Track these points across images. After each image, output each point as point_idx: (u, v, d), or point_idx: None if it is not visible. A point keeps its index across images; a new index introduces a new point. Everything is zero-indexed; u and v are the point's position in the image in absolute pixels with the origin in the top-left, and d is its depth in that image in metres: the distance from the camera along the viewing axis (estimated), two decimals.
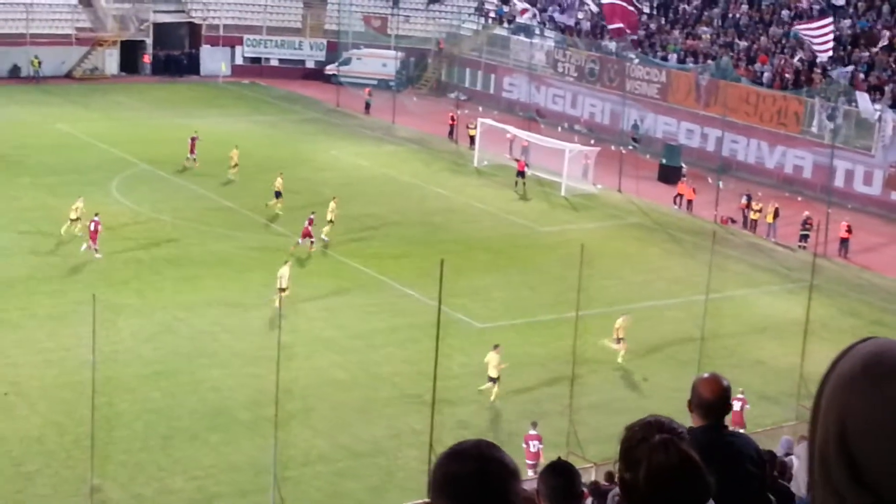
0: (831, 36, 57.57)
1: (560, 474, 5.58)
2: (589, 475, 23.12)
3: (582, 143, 58.54)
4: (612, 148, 59.70)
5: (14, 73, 75.35)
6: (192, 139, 53.92)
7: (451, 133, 66.03)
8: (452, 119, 66.36)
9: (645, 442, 3.60)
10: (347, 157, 58.64)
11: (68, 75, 76.92)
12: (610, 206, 53.69)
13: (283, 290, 35.21)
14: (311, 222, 42.45)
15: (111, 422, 28.22)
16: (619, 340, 34.53)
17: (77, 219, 41.95)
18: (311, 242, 42.52)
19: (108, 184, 50.64)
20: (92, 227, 40.55)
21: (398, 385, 31.77)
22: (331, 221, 44.19)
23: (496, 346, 32.14)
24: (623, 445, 3.70)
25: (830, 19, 58.80)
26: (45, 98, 69.59)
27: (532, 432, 27.52)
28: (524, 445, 27.34)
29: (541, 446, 27.23)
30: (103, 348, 28.06)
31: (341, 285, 40.00)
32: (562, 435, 28.58)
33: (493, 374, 31.67)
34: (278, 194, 47.95)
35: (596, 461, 25.36)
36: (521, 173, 54.89)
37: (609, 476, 23.00)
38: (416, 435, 28.60)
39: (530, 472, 26.63)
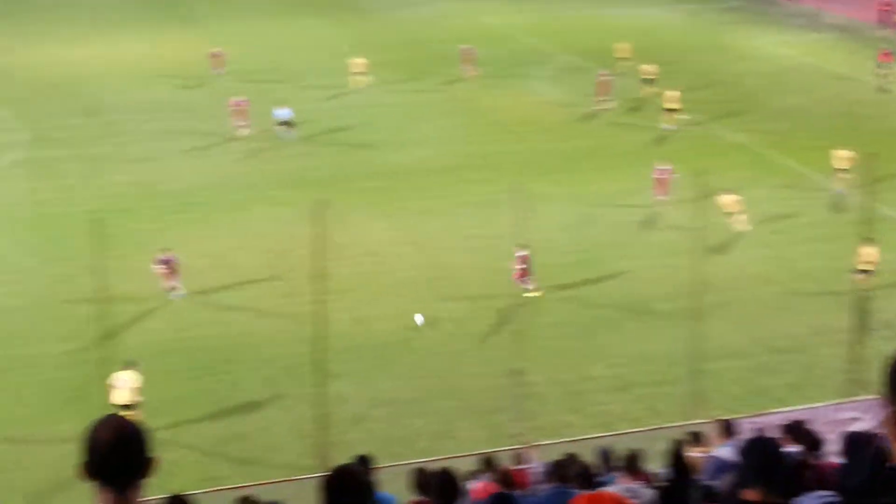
0: None
1: None
2: None
3: None
4: None
5: None
6: None
7: (881, 19, 62.61)
8: (887, 5, 62.82)
9: None
10: (769, 47, 56.89)
11: None
12: None
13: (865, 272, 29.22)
14: None
15: (534, 308, 29.31)
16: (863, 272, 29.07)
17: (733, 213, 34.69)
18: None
19: (530, 75, 51.79)
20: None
21: (820, 281, 30.97)
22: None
23: None
24: (892, 370, 3.55)
25: None
26: None
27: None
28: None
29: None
30: (525, 236, 29.05)
31: (761, 178, 39.24)
32: None
33: None
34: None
35: None
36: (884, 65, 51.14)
37: None
38: (835, 333, 27.83)
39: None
